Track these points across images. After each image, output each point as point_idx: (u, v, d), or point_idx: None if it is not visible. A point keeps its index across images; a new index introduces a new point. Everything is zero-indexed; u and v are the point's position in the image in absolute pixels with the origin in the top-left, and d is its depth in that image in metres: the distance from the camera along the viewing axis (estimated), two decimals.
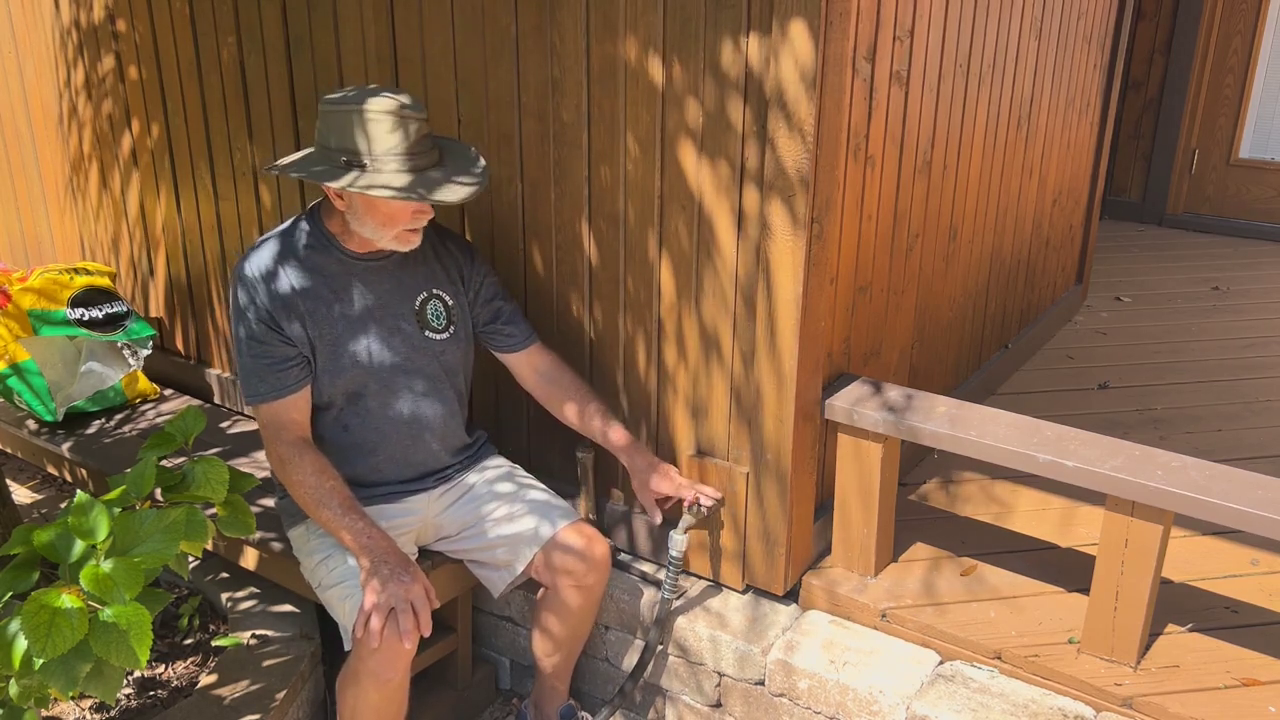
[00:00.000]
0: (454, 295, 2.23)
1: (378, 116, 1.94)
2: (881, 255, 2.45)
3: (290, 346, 2.07)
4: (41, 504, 3.03)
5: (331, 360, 2.11)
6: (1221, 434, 3.16)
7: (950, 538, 2.52)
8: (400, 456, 2.21)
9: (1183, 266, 5.03)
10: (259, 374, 2.07)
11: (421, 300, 2.18)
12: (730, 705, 2.31)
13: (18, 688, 1.60)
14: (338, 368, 2.11)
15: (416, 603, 1.90)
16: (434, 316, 2.19)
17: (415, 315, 2.17)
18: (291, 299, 2.06)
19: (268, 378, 2.06)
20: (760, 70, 1.95)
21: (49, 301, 3.04)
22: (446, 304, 2.21)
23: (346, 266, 2.11)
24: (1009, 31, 2.89)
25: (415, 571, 1.95)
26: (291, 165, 2.03)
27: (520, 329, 2.29)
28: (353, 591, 2.02)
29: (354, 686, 1.99)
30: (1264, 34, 5.39)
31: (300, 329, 2.07)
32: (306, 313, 2.07)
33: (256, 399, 2.08)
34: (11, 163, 3.68)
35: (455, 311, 2.23)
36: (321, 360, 2.10)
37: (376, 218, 2.01)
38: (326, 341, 2.10)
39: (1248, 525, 1.85)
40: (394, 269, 2.16)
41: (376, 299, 2.13)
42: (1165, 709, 1.97)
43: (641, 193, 2.18)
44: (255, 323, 2.05)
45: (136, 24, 3.02)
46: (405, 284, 2.17)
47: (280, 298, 2.06)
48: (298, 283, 2.07)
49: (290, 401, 2.08)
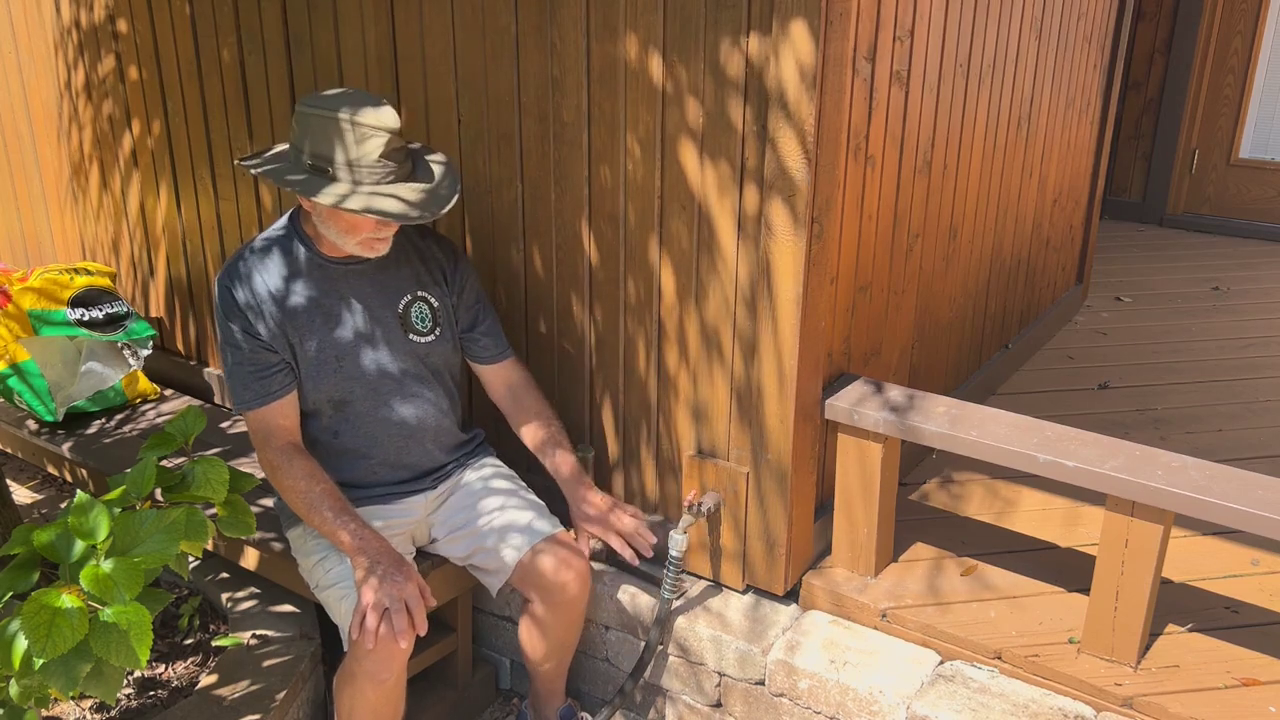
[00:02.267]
0: (439, 296, 2.21)
1: (348, 126, 1.90)
2: (882, 255, 2.45)
3: (271, 353, 2.07)
4: (41, 504, 3.03)
5: (313, 367, 2.10)
6: (1221, 434, 3.16)
7: (950, 538, 2.52)
8: (394, 459, 2.21)
9: (1183, 266, 5.03)
10: (244, 381, 2.07)
11: (405, 303, 2.17)
12: (730, 705, 2.31)
13: (18, 688, 1.60)
14: (320, 374, 2.11)
15: (411, 602, 1.90)
16: (419, 319, 2.18)
17: (399, 319, 2.16)
18: (269, 305, 2.06)
19: (252, 385, 2.06)
20: (760, 70, 1.95)
21: (49, 301, 3.04)
22: (432, 305, 2.20)
23: (325, 271, 2.10)
24: (1009, 32, 2.89)
25: (410, 571, 1.95)
26: (259, 161, 2.02)
27: (497, 341, 2.29)
28: (349, 592, 2.02)
29: (350, 686, 1.99)
30: (1264, 34, 5.39)
31: (280, 335, 2.07)
32: (286, 318, 2.07)
33: (243, 406, 2.08)
34: (11, 163, 3.68)
35: (441, 313, 2.22)
36: (303, 367, 2.10)
37: (339, 224, 2.00)
38: (307, 348, 2.09)
39: (1248, 525, 1.85)
40: (373, 272, 2.14)
41: (356, 304, 2.12)
42: (1165, 709, 1.97)
43: (642, 193, 2.18)
44: (237, 331, 2.05)
45: (137, 24, 3.02)
46: (387, 287, 2.16)
47: (258, 305, 2.05)
48: (275, 289, 2.07)
49: (277, 407, 2.08)
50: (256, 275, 2.08)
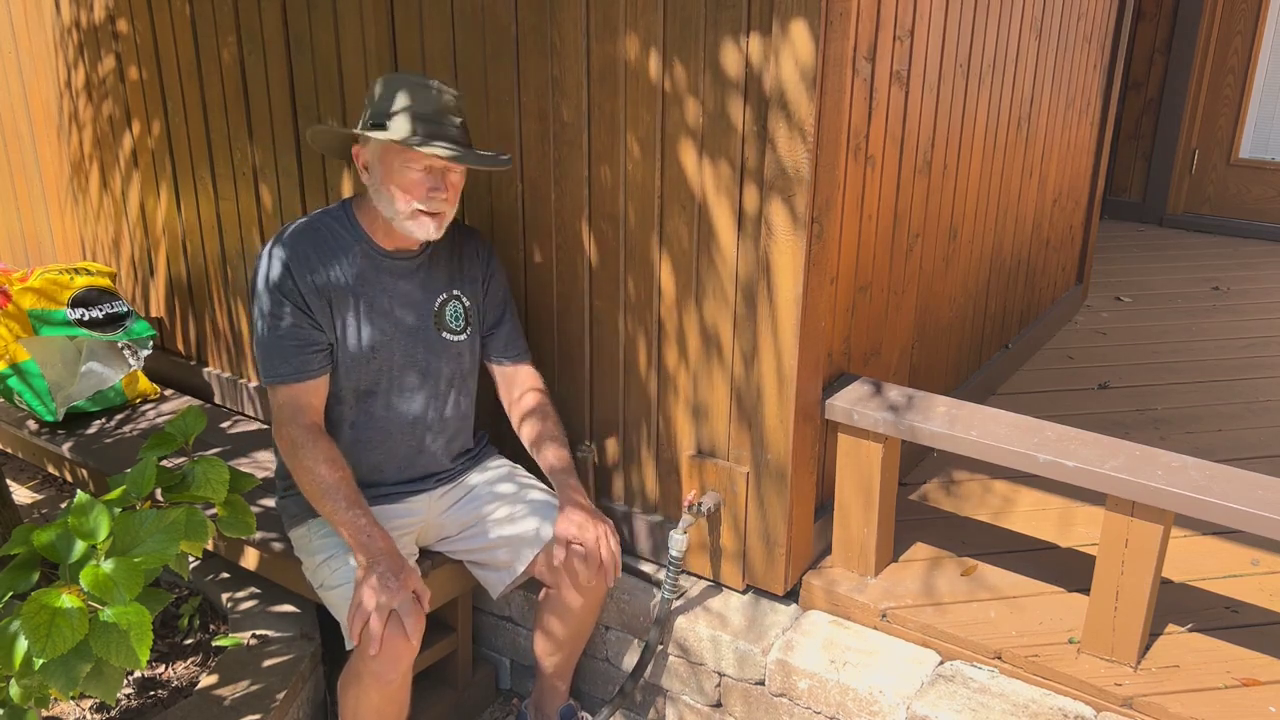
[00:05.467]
0: (472, 296, 2.23)
1: (406, 82, 2.01)
2: (882, 255, 2.45)
3: (319, 330, 2.07)
4: (41, 504, 3.03)
5: (348, 354, 2.11)
6: (1221, 434, 3.16)
7: (950, 538, 2.52)
8: (403, 457, 2.21)
9: (1183, 266, 5.03)
10: (282, 354, 2.05)
11: (441, 301, 2.18)
12: (730, 705, 2.31)
13: (18, 688, 1.60)
14: (352, 361, 2.11)
15: (403, 608, 1.89)
16: (452, 318, 2.19)
17: (434, 316, 2.17)
18: (322, 285, 2.06)
19: (292, 359, 2.05)
20: (760, 70, 1.95)
21: (49, 301, 3.04)
22: (465, 306, 2.22)
23: (374, 262, 2.12)
24: (1009, 31, 2.89)
25: (408, 576, 1.94)
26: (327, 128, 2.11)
27: (517, 343, 2.30)
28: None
29: (355, 686, 1.99)
30: (1264, 34, 5.39)
31: (328, 316, 2.07)
32: (332, 300, 2.07)
33: (276, 379, 2.05)
34: (11, 163, 3.68)
35: (473, 313, 2.23)
36: (340, 352, 2.11)
37: (390, 188, 2.01)
38: (346, 334, 2.10)
39: (1248, 525, 1.85)
40: (419, 270, 2.16)
41: (399, 298, 2.14)
42: (1165, 709, 1.97)
43: (642, 193, 2.18)
44: (285, 302, 2.04)
45: (137, 24, 3.02)
46: (428, 285, 2.17)
47: (312, 281, 2.05)
48: (327, 270, 2.07)
49: (311, 386, 2.07)
50: (312, 251, 2.07)
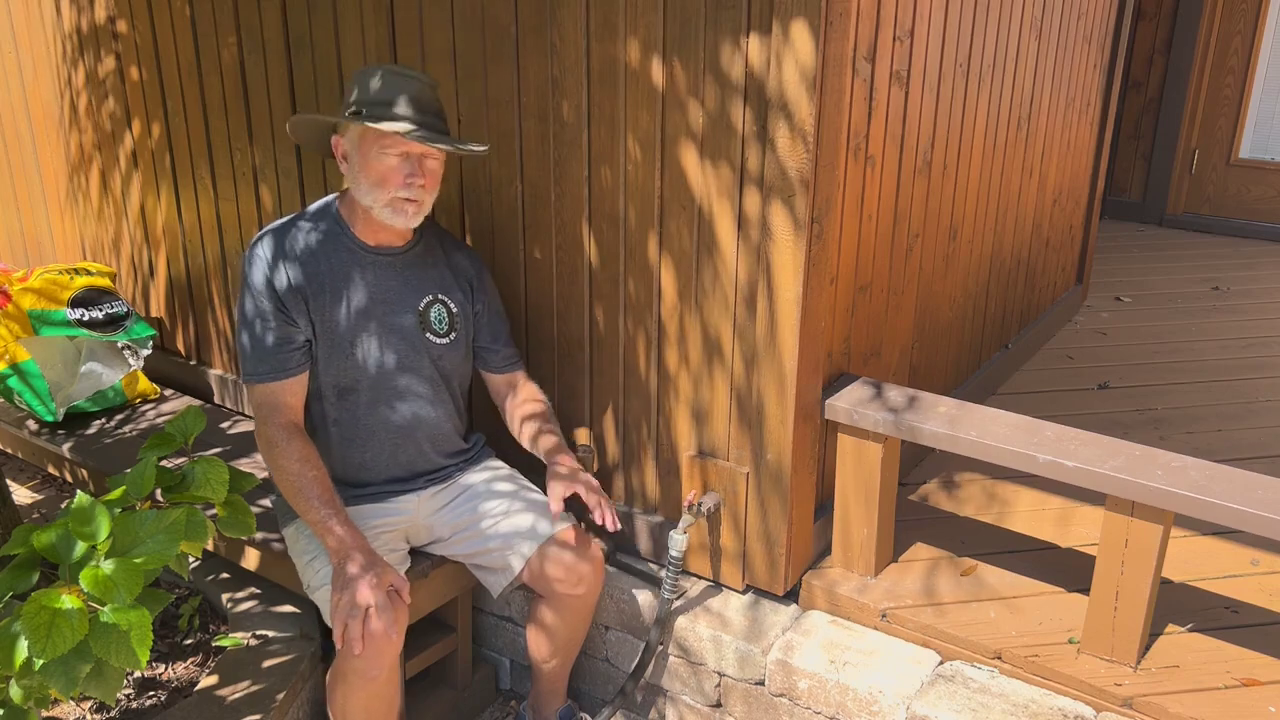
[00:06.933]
0: (459, 304, 2.24)
1: (380, 70, 2.04)
2: (881, 255, 2.45)
3: (295, 328, 2.08)
4: (41, 504, 3.03)
5: (327, 349, 2.12)
6: (1221, 434, 3.16)
7: (950, 538, 2.52)
8: (388, 456, 2.21)
9: (1183, 266, 5.03)
10: (260, 353, 2.07)
11: (426, 302, 2.19)
12: (730, 705, 2.31)
13: (18, 688, 1.60)
14: (332, 358, 2.12)
15: (381, 604, 1.88)
16: (437, 320, 2.20)
17: (418, 316, 2.18)
18: (299, 282, 2.07)
19: (268, 358, 2.07)
20: (761, 71, 1.95)
21: (49, 301, 3.04)
22: (451, 310, 2.22)
23: (355, 256, 2.13)
24: (1009, 31, 2.89)
25: (382, 571, 1.94)
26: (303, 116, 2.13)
27: (510, 353, 2.33)
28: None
29: (342, 685, 2.00)
30: (1264, 34, 5.39)
31: (304, 313, 2.08)
32: (312, 294, 2.08)
33: (254, 378, 2.08)
34: (11, 163, 3.68)
35: (459, 319, 2.24)
36: (319, 348, 2.11)
37: (369, 175, 2.03)
38: (325, 329, 2.10)
39: (1248, 525, 1.85)
40: (402, 267, 2.17)
41: (380, 294, 2.14)
42: (1165, 709, 1.97)
43: (642, 193, 2.18)
44: (264, 300, 2.06)
45: (137, 24, 3.02)
46: (412, 284, 2.18)
47: (289, 279, 2.07)
48: (307, 267, 2.09)
49: (287, 385, 2.09)
50: (292, 247, 2.09)
